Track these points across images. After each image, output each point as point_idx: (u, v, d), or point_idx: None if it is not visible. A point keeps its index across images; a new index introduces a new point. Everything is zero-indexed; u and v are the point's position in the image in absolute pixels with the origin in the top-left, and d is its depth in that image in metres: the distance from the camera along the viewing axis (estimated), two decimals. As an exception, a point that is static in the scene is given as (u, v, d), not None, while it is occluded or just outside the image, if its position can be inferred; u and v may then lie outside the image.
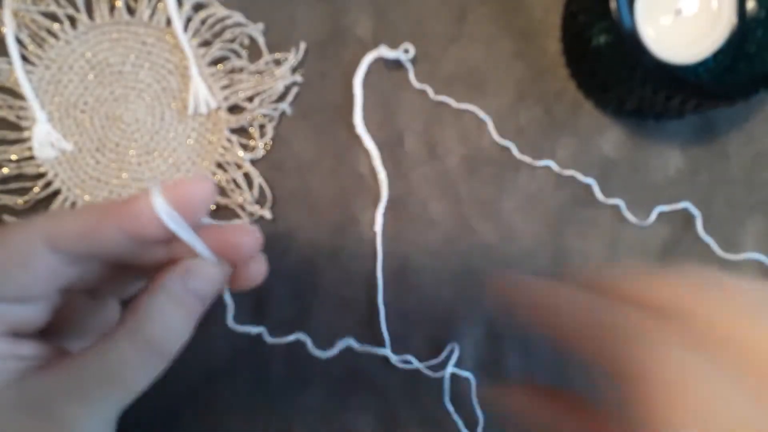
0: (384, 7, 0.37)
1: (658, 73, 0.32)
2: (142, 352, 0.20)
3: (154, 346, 0.21)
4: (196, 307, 0.22)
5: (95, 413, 0.20)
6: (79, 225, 0.21)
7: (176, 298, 0.21)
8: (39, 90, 0.36)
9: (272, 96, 0.37)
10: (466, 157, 0.37)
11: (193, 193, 0.21)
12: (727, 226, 0.38)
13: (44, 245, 0.20)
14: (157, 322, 0.21)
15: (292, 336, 0.35)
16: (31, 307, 0.22)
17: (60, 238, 0.20)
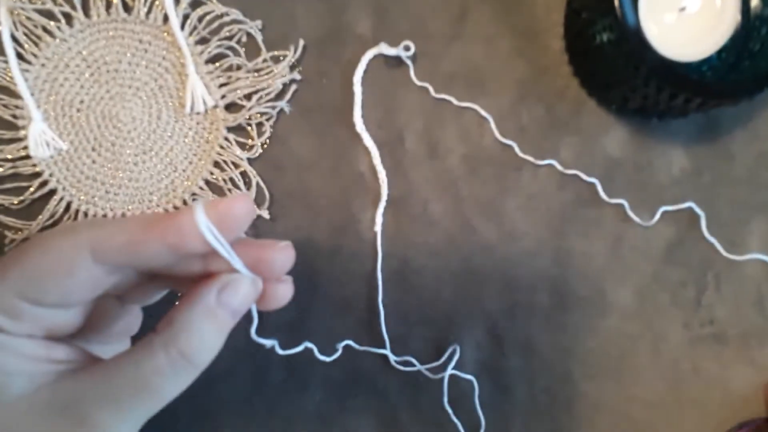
0: (384, 4, 0.37)
1: (661, 71, 0.31)
2: (176, 363, 0.21)
3: (188, 358, 0.21)
4: (228, 321, 0.22)
5: (126, 420, 0.20)
6: (124, 238, 0.21)
7: (211, 313, 0.22)
8: (35, 88, 0.36)
9: (270, 94, 0.36)
10: (467, 156, 0.37)
11: (234, 211, 0.21)
12: (732, 226, 0.38)
13: (89, 255, 0.21)
14: (193, 334, 0.21)
15: (301, 346, 0.35)
16: (67, 313, 0.22)
17: (105, 250, 0.21)
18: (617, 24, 0.31)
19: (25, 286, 0.21)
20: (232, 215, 0.21)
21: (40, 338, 0.22)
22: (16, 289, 0.21)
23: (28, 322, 0.21)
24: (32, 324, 0.21)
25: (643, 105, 0.35)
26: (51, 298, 0.21)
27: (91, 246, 0.21)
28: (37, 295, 0.21)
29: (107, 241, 0.21)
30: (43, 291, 0.21)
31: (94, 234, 0.21)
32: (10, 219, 0.36)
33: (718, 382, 0.38)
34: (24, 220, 0.36)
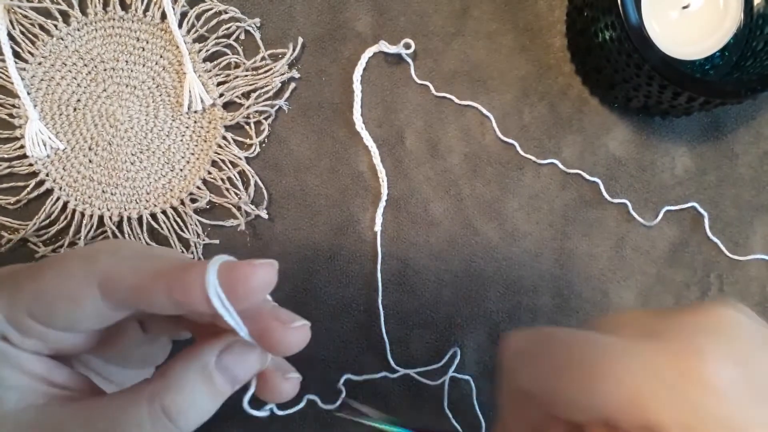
0: (384, 1, 0.36)
1: (664, 70, 0.31)
2: (157, 420, 0.20)
3: (170, 417, 0.20)
4: (225, 388, 0.21)
5: None
6: (133, 281, 0.20)
7: (207, 375, 0.20)
8: (31, 87, 0.35)
9: (269, 93, 0.36)
10: (469, 155, 0.37)
11: (251, 283, 0.19)
12: (735, 226, 0.37)
13: (97, 293, 0.20)
14: (182, 394, 0.20)
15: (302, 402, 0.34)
16: (76, 337, 0.22)
17: (113, 288, 0.20)
18: (620, 22, 0.31)
19: (35, 307, 0.20)
20: (249, 286, 0.19)
21: (45, 356, 0.21)
22: (27, 307, 0.20)
23: (35, 338, 0.21)
24: (39, 341, 0.21)
25: (646, 104, 0.35)
26: (58, 323, 0.21)
27: (101, 280, 0.20)
28: (46, 317, 0.20)
29: (116, 281, 0.20)
30: (51, 315, 0.20)
31: (108, 267, 0.20)
32: (6, 219, 0.35)
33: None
34: (20, 220, 0.36)
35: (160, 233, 0.36)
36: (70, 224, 0.36)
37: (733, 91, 0.32)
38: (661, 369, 0.18)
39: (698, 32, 0.35)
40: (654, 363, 0.18)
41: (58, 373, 0.22)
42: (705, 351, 0.18)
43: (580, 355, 0.19)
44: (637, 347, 0.19)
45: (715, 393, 0.17)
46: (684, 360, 0.18)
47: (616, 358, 0.18)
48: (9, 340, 0.21)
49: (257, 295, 0.20)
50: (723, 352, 0.18)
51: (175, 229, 0.36)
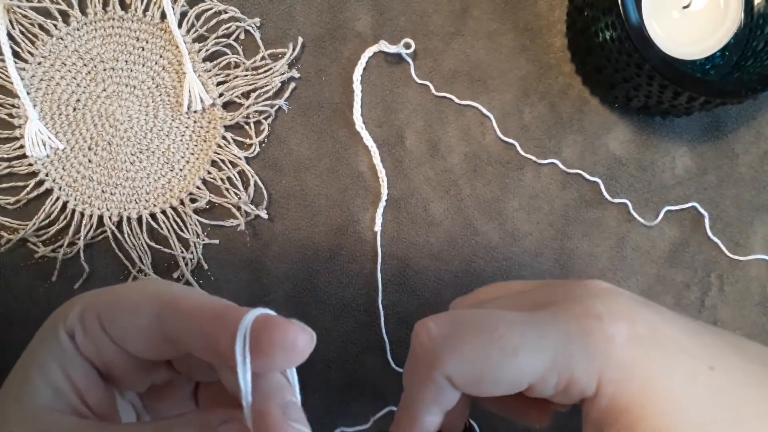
0: (384, 2, 0.36)
1: (664, 69, 0.31)
2: None
3: None
4: None
5: None
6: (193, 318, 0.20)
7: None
8: (31, 87, 0.35)
9: (269, 92, 0.36)
10: (469, 155, 0.37)
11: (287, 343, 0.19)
12: (736, 226, 0.37)
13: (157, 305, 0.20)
14: None
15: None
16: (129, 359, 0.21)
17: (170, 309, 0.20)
18: (620, 22, 0.31)
19: (104, 309, 0.21)
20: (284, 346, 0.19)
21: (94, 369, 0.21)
22: (99, 309, 0.21)
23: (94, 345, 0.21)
24: (95, 347, 0.21)
25: (647, 104, 0.35)
26: (114, 328, 0.21)
27: (165, 300, 0.20)
28: (107, 320, 0.21)
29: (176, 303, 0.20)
30: (111, 319, 0.21)
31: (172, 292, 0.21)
32: (5, 219, 0.35)
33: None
34: (20, 220, 0.35)
35: (159, 233, 0.36)
36: (70, 224, 0.36)
37: (734, 90, 0.32)
38: (570, 333, 0.21)
39: (699, 32, 0.35)
40: (561, 326, 0.21)
41: (94, 392, 0.21)
42: (602, 312, 0.22)
43: (496, 332, 0.21)
44: (541, 317, 0.22)
45: (617, 343, 0.21)
46: (587, 322, 0.21)
47: (531, 331, 0.21)
48: (73, 337, 0.21)
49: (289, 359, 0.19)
50: (615, 312, 0.22)
51: (174, 229, 0.36)
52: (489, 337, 0.21)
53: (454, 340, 0.22)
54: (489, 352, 0.21)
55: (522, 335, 0.21)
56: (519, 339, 0.21)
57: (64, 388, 0.21)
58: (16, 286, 0.36)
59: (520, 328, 0.21)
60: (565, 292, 0.23)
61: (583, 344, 0.21)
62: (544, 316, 0.22)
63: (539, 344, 0.21)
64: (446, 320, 0.23)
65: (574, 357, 0.21)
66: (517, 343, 0.21)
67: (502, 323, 0.22)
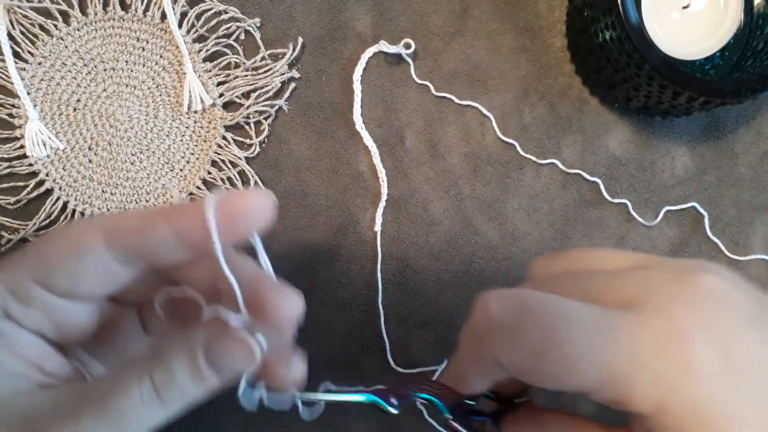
0: (384, 1, 0.36)
1: (664, 70, 0.31)
2: (147, 399, 0.20)
3: (160, 396, 0.20)
4: (211, 378, 0.21)
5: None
6: (135, 222, 0.21)
7: (194, 360, 0.20)
8: (31, 87, 0.35)
9: (269, 92, 0.36)
10: (469, 155, 0.37)
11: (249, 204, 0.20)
12: (736, 226, 0.37)
13: (101, 239, 0.20)
14: (171, 379, 0.20)
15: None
16: (79, 309, 0.21)
17: (116, 232, 0.20)
18: (620, 22, 0.31)
19: (38, 268, 0.20)
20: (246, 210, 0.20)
21: (42, 340, 0.21)
22: (29, 270, 0.20)
23: (38, 309, 0.20)
24: (42, 314, 0.21)
25: (646, 104, 0.35)
26: (61, 282, 0.20)
27: (104, 230, 0.20)
28: (48, 277, 0.20)
29: (120, 226, 0.21)
30: (54, 273, 0.20)
31: (108, 220, 0.21)
32: (6, 219, 0.35)
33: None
34: (20, 220, 0.35)
35: (160, 233, 0.36)
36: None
37: (733, 91, 0.32)
38: (641, 348, 0.18)
39: (698, 32, 0.35)
40: (633, 341, 0.18)
41: (52, 360, 0.21)
42: (687, 332, 0.18)
43: (561, 333, 0.19)
44: (617, 323, 0.19)
45: (694, 376, 0.17)
46: (665, 340, 0.18)
47: (599, 341, 0.18)
48: (9, 313, 0.20)
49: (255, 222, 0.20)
50: (705, 333, 0.18)
51: (175, 229, 0.36)
52: (551, 338, 0.19)
53: (513, 328, 0.20)
54: (547, 354, 0.19)
55: (589, 344, 0.18)
56: (583, 348, 0.18)
57: (18, 372, 0.20)
58: (16, 286, 0.36)
59: (588, 336, 0.18)
60: (663, 286, 0.19)
61: (654, 370, 0.17)
62: (621, 325, 0.19)
63: (603, 359, 0.18)
64: (511, 302, 0.20)
65: (637, 382, 0.18)
66: (580, 353, 0.18)
67: (572, 327, 0.19)
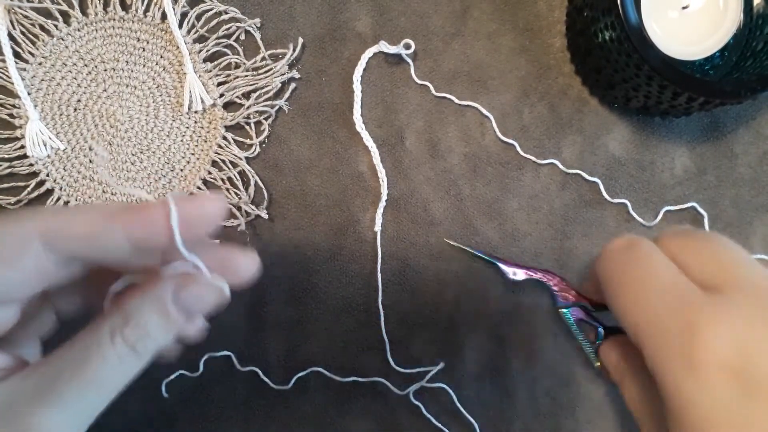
0: (384, 2, 0.37)
1: (663, 70, 0.31)
2: (121, 352, 0.20)
3: (134, 348, 0.20)
4: (179, 320, 0.21)
5: (66, 416, 0.19)
6: (84, 226, 0.20)
7: (163, 309, 0.21)
8: (32, 87, 0.36)
9: (269, 93, 0.36)
10: (469, 155, 0.37)
11: (205, 210, 0.21)
12: (735, 226, 0.37)
13: (40, 243, 0.19)
14: (140, 326, 0.20)
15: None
16: (5, 310, 0.21)
17: (60, 237, 0.19)
18: (619, 22, 0.31)
19: None
20: (203, 214, 0.20)
21: None
22: None
23: None
24: None
25: (646, 104, 0.35)
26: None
27: (44, 233, 0.19)
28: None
29: (64, 229, 0.19)
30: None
31: (48, 221, 0.20)
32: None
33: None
34: (20, 221, 0.36)
35: (160, 233, 0.36)
36: (71, 224, 0.36)
37: (733, 91, 0.32)
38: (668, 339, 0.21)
39: (698, 32, 0.35)
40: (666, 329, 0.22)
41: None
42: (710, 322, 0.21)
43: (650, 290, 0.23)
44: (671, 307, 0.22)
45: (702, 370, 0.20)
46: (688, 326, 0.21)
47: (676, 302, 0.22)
48: None
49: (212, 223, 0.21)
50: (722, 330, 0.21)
51: (175, 229, 0.36)
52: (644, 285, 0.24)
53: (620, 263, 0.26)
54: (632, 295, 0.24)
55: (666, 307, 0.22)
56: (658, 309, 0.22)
57: None
58: (16, 286, 0.36)
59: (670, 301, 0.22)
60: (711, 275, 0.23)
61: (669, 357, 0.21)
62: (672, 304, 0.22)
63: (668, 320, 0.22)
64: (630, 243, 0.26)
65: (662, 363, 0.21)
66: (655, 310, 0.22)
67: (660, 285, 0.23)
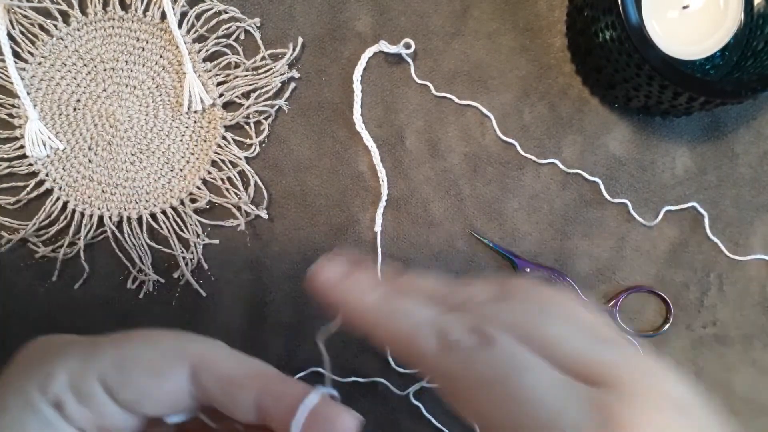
0: (384, 1, 0.36)
1: (664, 69, 0.31)
2: None
3: None
4: None
5: None
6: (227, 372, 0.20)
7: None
8: (31, 87, 0.35)
9: (269, 92, 0.36)
10: (469, 155, 0.37)
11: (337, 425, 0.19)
12: (735, 226, 0.37)
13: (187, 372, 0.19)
14: None
15: None
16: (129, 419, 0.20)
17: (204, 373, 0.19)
18: (620, 22, 0.31)
19: (113, 374, 0.19)
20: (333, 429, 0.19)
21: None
22: (102, 373, 0.19)
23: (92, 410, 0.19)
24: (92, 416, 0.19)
25: (646, 104, 0.35)
26: (130, 398, 0.19)
27: (195, 361, 0.19)
28: (119, 389, 0.19)
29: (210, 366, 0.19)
30: (127, 387, 0.19)
31: (203, 350, 0.20)
32: (6, 219, 0.35)
33: (721, 383, 0.37)
34: (20, 220, 0.35)
35: (159, 233, 0.36)
36: (70, 224, 0.36)
37: (734, 91, 0.32)
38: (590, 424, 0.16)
39: (698, 32, 0.35)
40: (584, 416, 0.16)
41: None
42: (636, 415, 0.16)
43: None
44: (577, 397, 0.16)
45: None
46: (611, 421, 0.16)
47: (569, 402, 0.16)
48: (62, 408, 0.18)
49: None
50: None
51: (174, 229, 0.36)
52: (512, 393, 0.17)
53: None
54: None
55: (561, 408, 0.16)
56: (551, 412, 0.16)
57: None
58: (16, 286, 0.36)
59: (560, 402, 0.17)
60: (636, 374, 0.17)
61: None
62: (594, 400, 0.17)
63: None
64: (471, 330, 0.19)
65: None
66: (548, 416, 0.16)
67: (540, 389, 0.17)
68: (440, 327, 0.18)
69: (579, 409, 0.16)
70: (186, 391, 0.19)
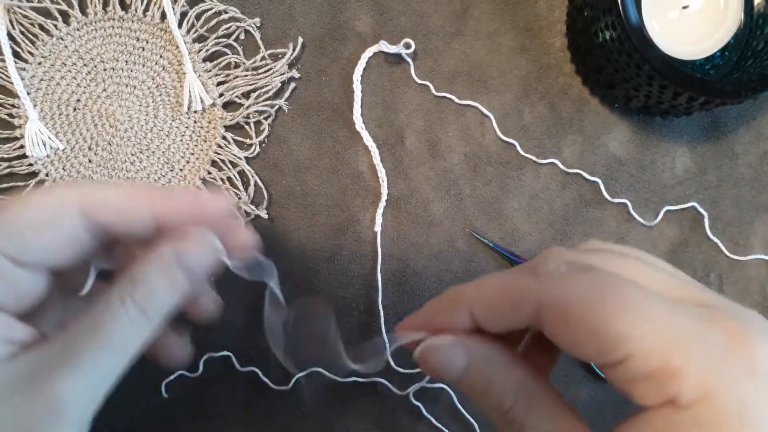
0: (384, 2, 0.36)
1: (664, 69, 0.31)
2: (131, 314, 0.21)
3: (144, 311, 0.21)
4: (182, 279, 0.23)
5: (84, 381, 0.20)
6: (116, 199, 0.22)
7: (166, 268, 0.22)
8: (31, 87, 0.35)
9: (269, 92, 0.36)
10: (469, 155, 0.37)
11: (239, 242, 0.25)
12: (735, 226, 0.37)
13: (77, 211, 0.21)
14: (149, 292, 0.22)
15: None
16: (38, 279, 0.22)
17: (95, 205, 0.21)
18: (620, 22, 0.31)
19: (8, 240, 0.20)
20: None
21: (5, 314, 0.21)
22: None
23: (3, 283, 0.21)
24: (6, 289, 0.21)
25: (646, 104, 0.35)
26: (33, 256, 0.21)
27: (82, 202, 0.21)
28: (20, 251, 0.20)
29: (99, 199, 0.22)
30: (27, 247, 0.21)
31: (87, 192, 0.22)
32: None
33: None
34: (19, 220, 0.35)
35: (159, 233, 0.36)
36: (70, 224, 0.36)
37: (734, 91, 0.32)
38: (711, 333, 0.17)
39: (698, 32, 0.35)
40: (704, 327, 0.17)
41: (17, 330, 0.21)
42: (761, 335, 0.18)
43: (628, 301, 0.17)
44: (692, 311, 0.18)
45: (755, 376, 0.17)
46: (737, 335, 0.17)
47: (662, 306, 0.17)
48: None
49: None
50: None
51: (175, 229, 0.36)
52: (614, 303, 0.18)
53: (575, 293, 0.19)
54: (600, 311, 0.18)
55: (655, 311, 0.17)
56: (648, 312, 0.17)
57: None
58: (16, 286, 0.36)
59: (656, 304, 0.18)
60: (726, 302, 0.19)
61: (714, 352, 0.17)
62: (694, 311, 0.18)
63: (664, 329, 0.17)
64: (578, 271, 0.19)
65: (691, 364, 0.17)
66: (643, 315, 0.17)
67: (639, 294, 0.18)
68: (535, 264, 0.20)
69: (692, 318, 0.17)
70: (84, 232, 0.21)
